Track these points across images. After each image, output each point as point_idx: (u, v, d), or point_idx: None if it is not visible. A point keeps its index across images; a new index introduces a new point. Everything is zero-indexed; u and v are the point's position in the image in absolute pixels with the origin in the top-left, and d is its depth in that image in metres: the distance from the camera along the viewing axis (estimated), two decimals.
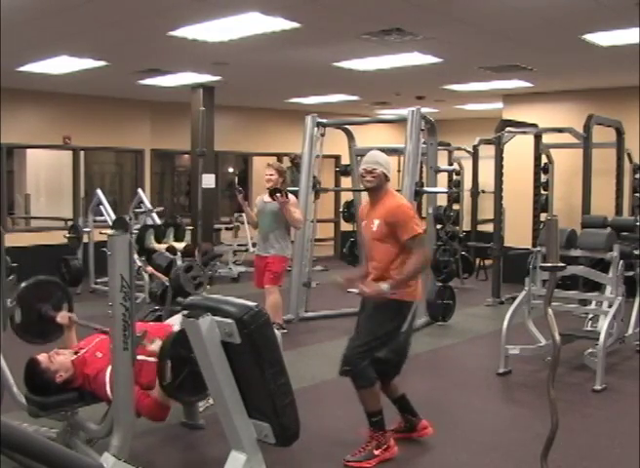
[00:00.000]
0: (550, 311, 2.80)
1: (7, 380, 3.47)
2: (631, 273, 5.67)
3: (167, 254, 4.72)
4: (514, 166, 8.68)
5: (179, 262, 4.60)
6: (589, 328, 5.84)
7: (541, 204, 9.28)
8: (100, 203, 8.55)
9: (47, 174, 11.72)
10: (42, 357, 3.28)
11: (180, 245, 5.18)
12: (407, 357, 3.74)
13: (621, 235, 6.10)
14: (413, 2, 5.04)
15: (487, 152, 9.05)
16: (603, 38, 6.09)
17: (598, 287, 5.71)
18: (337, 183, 12.10)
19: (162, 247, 5.17)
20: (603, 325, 5.09)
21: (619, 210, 8.36)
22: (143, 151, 10.97)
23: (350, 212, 8.08)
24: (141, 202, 8.66)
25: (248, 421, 2.99)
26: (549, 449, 2.84)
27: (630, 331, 5.53)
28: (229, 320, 2.86)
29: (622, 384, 4.99)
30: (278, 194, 5.87)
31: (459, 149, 10.71)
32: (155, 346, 3.26)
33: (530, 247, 7.75)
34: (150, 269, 5.02)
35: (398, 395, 3.81)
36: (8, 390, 3.45)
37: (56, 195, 11.36)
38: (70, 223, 9.28)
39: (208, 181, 9.08)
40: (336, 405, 4.61)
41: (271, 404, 2.92)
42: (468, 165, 10.27)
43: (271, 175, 6.18)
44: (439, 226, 7.09)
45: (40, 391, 3.26)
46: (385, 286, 3.46)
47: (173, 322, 3.67)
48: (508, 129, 8.40)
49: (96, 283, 8.49)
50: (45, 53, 6.96)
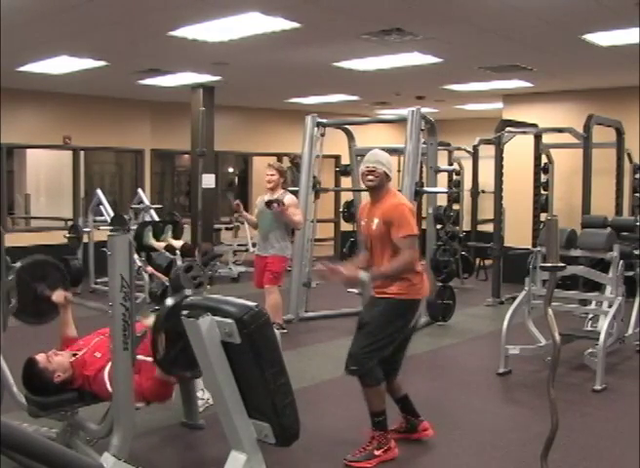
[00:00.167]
0: (550, 311, 2.80)
1: (7, 380, 3.47)
2: (631, 273, 5.67)
3: (167, 254, 4.72)
4: (514, 166, 8.68)
5: (178, 262, 4.59)
6: (589, 328, 5.84)
7: (541, 204, 9.28)
8: (100, 203, 8.55)
9: (47, 174, 11.72)
10: (40, 357, 3.27)
11: (179, 243, 5.16)
12: (404, 356, 3.74)
13: (621, 235, 6.10)
14: (413, 2, 5.04)
15: (487, 152, 9.05)
16: (603, 38, 6.09)
17: (598, 287, 5.71)
18: (337, 183, 12.10)
19: (161, 245, 5.15)
20: (603, 325, 5.09)
21: (619, 210, 8.36)
22: (143, 151, 10.97)
23: (350, 212, 8.07)
24: (141, 202, 8.67)
25: (248, 421, 2.99)
26: (549, 449, 2.84)
27: (630, 331, 5.53)
28: (229, 320, 2.86)
29: (622, 384, 4.99)
30: (275, 204, 5.89)
31: (459, 149, 10.70)
32: (150, 321, 3.25)
33: (530, 247, 7.75)
34: (150, 269, 5.02)
35: (401, 395, 3.81)
36: (8, 390, 3.45)
37: (56, 195, 11.36)
38: (70, 223, 9.28)
39: (208, 181, 9.08)
40: (336, 405, 4.61)
41: (271, 404, 2.92)
42: (468, 165, 10.26)
43: (272, 175, 6.19)
44: (439, 226, 7.09)
45: (38, 391, 3.25)
46: (364, 275, 3.46)
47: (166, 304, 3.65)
48: (508, 129, 8.40)
49: (96, 283, 8.49)
50: (45, 53, 6.96)
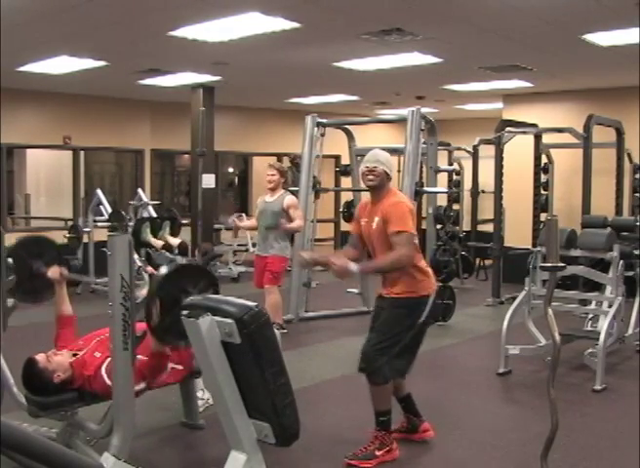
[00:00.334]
0: (550, 311, 2.80)
1: (7, 380, 3.47)
2: (631, 273, 5.68)
3: (167, 254, 4.73)
4: (514, 166, 8.68)
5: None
6: (589, 328, 5.83)
7: (541, 204, 9.28)
8: (100, 203, 8.55)
9: (47, 174, 11.72)
10: (40, 357, 3.27)
11: (175, 241, 5.17)
12: (416, 355, 3.70)
13: (621, 235, 6.10)
14: (413, 2, 5.04)
15: (487, 152, 9.04)
16: (603, 38, 6.09)
17: (598, 287, 5.71)
18: (337, 183, 12.10)
19: (158, 243, 5.15)
20: (603, 325, 5.08)
21: (619, 210, 8.36)
22: (143, 151, 10.97)
23: (350, 212, 8.04)
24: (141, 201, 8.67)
25: (248, 421, 2.99)
26: (549, 449, 2.84)
27: (630, 331, 5.53)
28: (229, 320, 2.85)
29: (622, 384, 4.98)
30: (282, 221, 5.96)
31: (459, 149, 10.70)
32: (144, 291, 3.23)
33: (530, 247, 7.75)
34: (150, 269, 5.02)
35: (404, 394, 3.80)
36: (8, 390, 3.45)
37: (56, 195, 11.36)
38: (70, 223, 9.28)
39: (208, 181, 9.09)
40: (336, 405, 4.61)
41: (271, 404, 2.92)
42: (468, 165, 10.26)
43: (273, 176, 6.19)
44: (439, 226, 7.08)
45: (38, 391, 3.25)
46: (354, 267, 3.45)
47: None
48: (508, 129, 8.40)
49: (96, 283, 8.48)
50: (45, 53, 6.96)
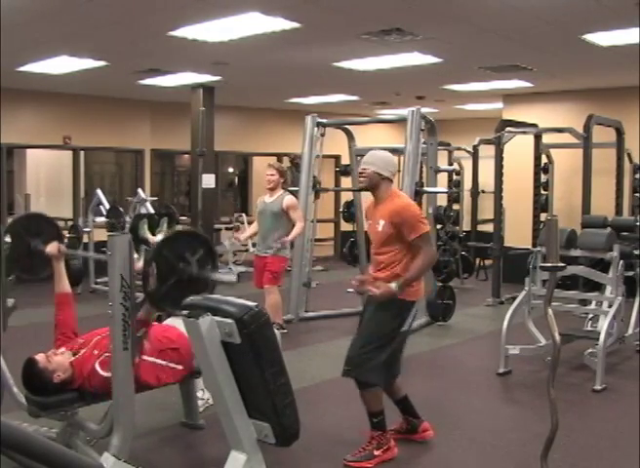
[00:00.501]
0: (550, 311, 2.80)
1: (7, 380, 3.47)
2: (631, 273, 5.67)
3: None
4: (514, 166, 8.68)
5: None
6: (589, 328, 5.83)
7: (541, 204, 9.28)
8: (100, 203, 8.56)
9: (47, 174, 11.71)
10: (39, 357, 3.27)
11: None
12: (401, 358, 3.72)
13: (621, 235, 6.10)
14: (413, 2, 5.04)
15: (487, 152, 9.05)
16: (603, 38, 6.09)
17: (598, 287, 5.71)
18: (337, 183, 12.10)
19: (155, 241, 5.13)
20: (603, 325, 5.09)
21: (619, 210, 8.36)
22: (143, 151, 10.97)
23: (350, 212, 8.06)
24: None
25: (248, 421, 2.99)
26: (549, 449, 2.84)
27: (630, 331, 5.53)
28: (229, 320, 2.85)
29: (622, 384, 4.99)
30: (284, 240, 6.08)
31: (459, 149, 10.70)
32: (140, 265, 3.22)
33: (530, 247, 7.74)
34: None
35: (401, 396, 3.80)
36: (8, 390, 3.45)
37: (56, 195, 11.35)
38: (70, 223, 9.28)
39: (208, 181, 9.09)
40: (336, 405, 4.61)
41: (271, 404, 2.92)
42: (468, 165, 10.26)
43: (272, 176, 6.20)
44: (439, 226, 7.09)
45: (38, 391, 3.25)
46: (395, 285, 3.43)
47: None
48: (508, 129, 8.40)
49: (96, 283, 8.49)
50: (45, 53, 6.96)
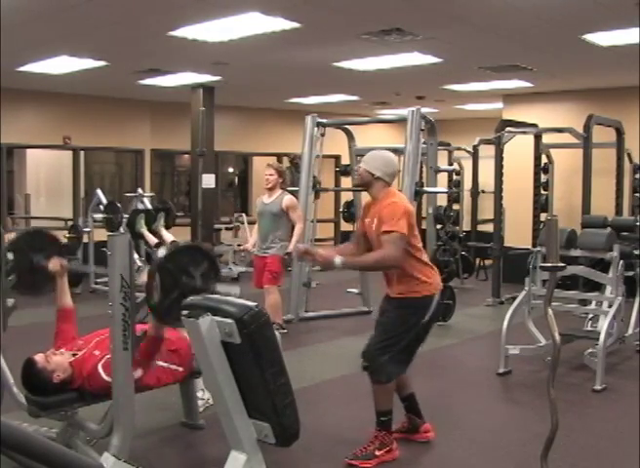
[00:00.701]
0: (550, 311, 2.80)
1: (7, 380, 3.47)
2: (631, 273, 5.67)
3: None
4: (514, 166, 8.68)
5: None
6: (589, 328, 5.83)
7: (541, 204, 9.28)
8: (100, 203, 8.54)
9: (47, 174, 11.71)
10: (39, 357, 3.27)
11: (169, 237, 5.13)
12: (415, 353, 3.67)
13: (621, 235, 6.10)
14: (413, 2, 5.04)
15: (487, 152, 9.04)
16: (603, 38, 6.09)
17: (598, 287, 5.71)
18: (337, 183, 12.10)
19: (152, 239, 5.13)
20: (603, 325, 5.08)
21: (619, 210, 8.36)
22: (143, 151, 10.97)
23: (350, 212, 8.06)
24: (142, 202, 8.66)
25: (248, 421, 2.99)
26: (549, 449, 2.83)
27: (630, 331, 5.53)
28: (229, 320, 2.85)
29: (622, 384, 4.98)
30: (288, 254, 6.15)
31: (459, 149, 10.70)
32: (144, 277, 3.22)
33: (530, 247, 7.75)
34: None
35: (408, 393, 3.79)
36: (8, 390, 3.45)
37: (56, 195, 11.35)
38: (70, 223, 9.28)
39: (208, 181, 9.09)
40: (336, 405, 4.61)
41: (271, 404, 2.92)
42: (468, 165, 10.26)
43: (271, 175, 6.20)
44: (439, 226, 7.08)
45: (38, 391, 3.25)
46: (338, 260, 3.43)
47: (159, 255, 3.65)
48: (508, 129, 8.40)
49: (96, 283, 8.49)
50: (45, 53, 6.96)
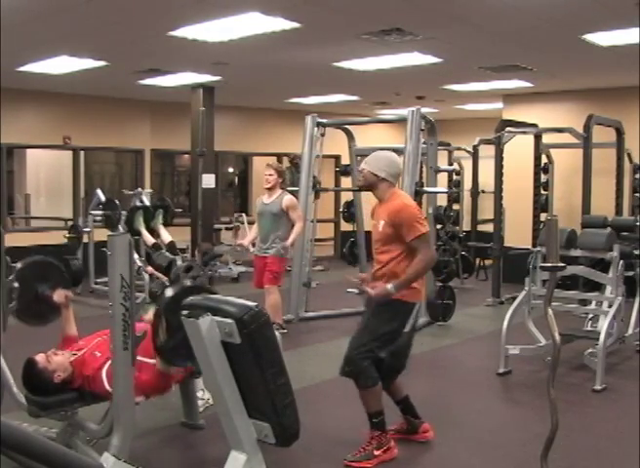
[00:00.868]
0: (550, 311, 2.80)
1: (7, 380, 3.47)
2: (631, 273, 5.67)
3: (167, 254, 4.72)
4: (514, 166, 8.68)
5: (179, 262, 4.59)
6: (589, 328, 5.84)
7: (541, 204, 9.28)
8: (100, 203, 8.55)
9: (47, 174, 11.72)
10: (39, 357, 3.27)
11: (167, 237, 5.13)
12: (408, 357, 3.74)
13: (621, 235, 6.10)
14: (413, 2, 5.04)
15: (487, 152, 9.05)
16: (603, 38, 6.08)
17: (598, 287, 5.71)
18: (337, 183, 12.09)
19: (150, 239, 5.13)
20: (603, 325, 5.09)
21: (619, 210, 8.36)
22: (143, 151, 10.97)
23: (350, 212, 8.06)
24: (142, 202, 8.66)
25: (248, 421, 2.99)
26: (549, 449, 2.83)
27: (630, 331, 5.53)
28: (229, 320, 2.86)
29: (622, 384, 4.99)
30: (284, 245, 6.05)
31: (459, 149, 10.70)
32: (150, 316, 3.25)
33: (530, 247, 7.75)
34: (150, 269, 5.02)
35: (402, 396, 3.80)
36: (8, 390, 3.45)
37: (56, 195, 11.36)
38: (70, 223, 9.28)
39: (208, 181, 9.07)
40: (336, 404, 4.61)
41: (271, 404, 2.92)
42: (468, 165, 10.26)
43: (270, 175, 6.20)
44: (439, 226, 7.09)
45: (38, 391, 3.25)
46: (391, 286, 3.44)
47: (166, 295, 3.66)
48: (508, 129, 8.40)
49: (96, 283, 8.49)
50: (45, 53, 6.96)
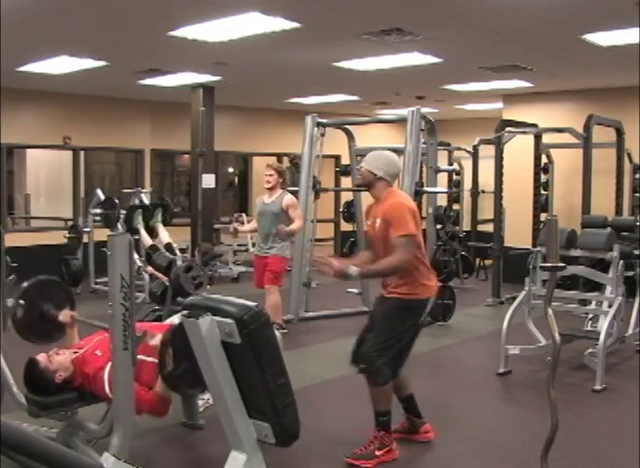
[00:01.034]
0: (550, 311, 2.80)
1: (7, 380, 3.47)
2: (631, 273, 5.67)
3: (167, 254, 4.72)
4: (514, 166, 8.68)
5: (178, 262, 4.59)
6: (589, 328, 5.84)
7: (541, 204, 9.28)
8: (100, 203, 8.54)
9: (47, 174, 11.72)
10: (41, 357, 3.27)
11: (165, 237, 5.14)
12: (410, 351, 3.72)
13: (621, 235, 6.10)
14: (413, 2, 5.04)
15: (487, 152, 9.05)
16: (603, 38, 6.09)
17: (598, 287, 5.71)
18: (337, 183, 12.09)
19: (148, 241, 5.14)
20: (603, 325, 5.09)
21: (619, 210, 8.36)
22: (143, 151, 10.97)
23: (350, 212, 8.06)
24: (142, 202, 8.66)
25: (248, 421, 2.99)
26: (549, 449, 2.83)
27: (630, 331, 5.53)
28: (229, 320, 2.86)
29: (622, 384, 4.99)
30: (281, 226, 5.95)
31: (459, 149, 10.70)
32: (156, 341, 3.26)
33: (530, 247, 7.75)
34: (150, 269, 5.02)
35: (407, 394, 3.79)
36: (8, 390, 3.45)
37: (56, 195, 11.36)
38: (70, 223, 9.28)
39: (208, 181, 9.08)
40: (336, 404, 4.61)
41: (271, 404, 2.92)
42: (468, 165, 10.26)
43: (271, 175, 6.20)
44: (439, 226, 7.08)
45: (40, 391, 3.25)
46: (353, 269, 3.43)
47: (172, 322, 3.67)
48: (508, 129, 8.40)
49: (96, 283, 8.49)
50: (45, 53, 6.96)
